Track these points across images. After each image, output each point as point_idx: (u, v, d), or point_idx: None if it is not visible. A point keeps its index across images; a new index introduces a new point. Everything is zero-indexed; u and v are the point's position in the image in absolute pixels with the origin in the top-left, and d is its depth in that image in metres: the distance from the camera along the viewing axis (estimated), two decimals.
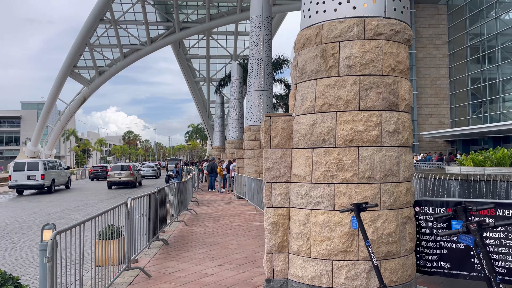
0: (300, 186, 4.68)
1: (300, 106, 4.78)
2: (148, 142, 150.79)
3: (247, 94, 18.68)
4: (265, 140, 4.86)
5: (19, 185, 25.18)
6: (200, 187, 26.02)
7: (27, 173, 25.03)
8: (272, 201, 4.84)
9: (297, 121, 4.78)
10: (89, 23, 56.85)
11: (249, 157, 17.92)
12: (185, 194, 12.83)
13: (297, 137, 4.75)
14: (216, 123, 41.90)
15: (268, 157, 4.86)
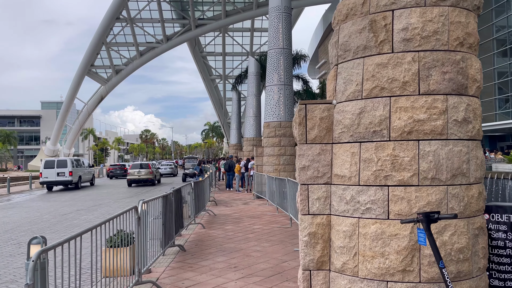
0: (344, 189, 3.82)
1: (343, 91, 3.92)
2: (165, 141, 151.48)
3: (265, 89, 17.85)
4: (299, 133, 4.02)
5: (49, 181, 26.84)
6: (217, 185, 25.31)
7: (56, 170, 26.74)
8: (309, 207, 4.00)
9: (339, 110, 3.92)
10: (105, 21, 56.79)
11: (268, 154, 17.09)
12: (203, 194, 12.08)
13: (340, 129, 3.89)
14: (232, 121, 41.19)
15: (303, 154, 4.01)
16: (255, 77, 30.07)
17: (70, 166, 27.18)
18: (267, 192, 14.73)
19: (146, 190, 25.09)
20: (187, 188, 9.85)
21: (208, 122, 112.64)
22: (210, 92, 74.56)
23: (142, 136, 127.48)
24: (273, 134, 17.04)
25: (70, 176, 26.88)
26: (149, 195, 20.91)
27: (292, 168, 17.24)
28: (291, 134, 17.27)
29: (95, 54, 60.98)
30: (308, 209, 4.00)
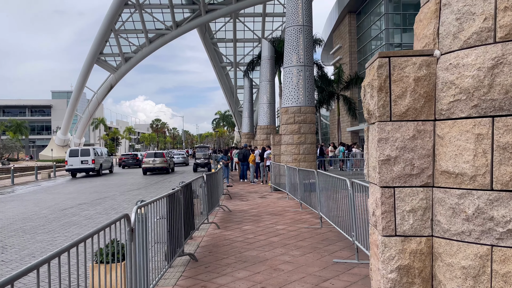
0: (461, 196, 2.29)
1: (456, 34, 2.36)
2: (175, 130, 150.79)
3: (283, 71, 16.23)
4: (379, 104, 2.50)
5: (74, 169, 29.61)
6: (230, 176, 23.92)
7: (80, 158, 29.52)
8: (397, 224, 2.48)
9: (449, 64, 2.37)
10: (114, 7, 55.35)
11: (287, 143, 15.56)
12: (216, 188, 10.64)
13: (452, 96, 2.35)
14: (244, 109, 39.64)
15: (386, 138, 2.50)
16: (269, 61, 28.43)
17: (92, 155, 29.91)
18: (287, 185, 13.26)
19: (159, 180, 23.86)
20: (199, 182, 8.41)
21: (219, 111, 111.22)
22: (221, 80, 72.99)
23: (152, 126, 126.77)
24: (292, 121, 15.48)
25: (93, 164, 29.56)
26: (158, 186, 19.59)
27: (313, 158, 15.71)
28: (312, 120, 15.70)
29: (104, 41, 59.72)
30: (395, 227, 2.49)
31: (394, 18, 42.44)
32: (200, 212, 8.78)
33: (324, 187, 8.07)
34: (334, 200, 7.38)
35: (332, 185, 7.52)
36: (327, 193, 7.88)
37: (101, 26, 57.93)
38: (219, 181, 12.27)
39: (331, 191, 7.59)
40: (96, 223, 10.27)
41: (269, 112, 28.25)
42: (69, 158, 29.75)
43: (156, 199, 5.00)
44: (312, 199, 9.84)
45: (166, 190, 17.47)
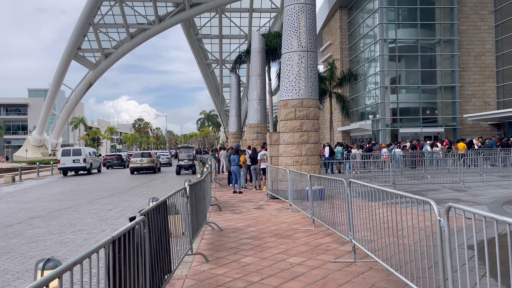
0: None
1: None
2: (159, 130, 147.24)
3: (282, 58, 13.80)
4: None
5: (66, 167, 31.67)
6: (218, 180, 21.40)
7: (72, 157, 31.52)
8: None
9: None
10: (92, 0, 52.20)
11: (286, 142, 13.12)
12: (203, 200, 8.11)
13: None
14: (231, 107, 37.06)
15: None
16: (260, 54, 26.01)
17: (83, 154, 31.95)
18: (290, 193, 10.82)
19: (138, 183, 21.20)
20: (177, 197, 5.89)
21: (204, 111, 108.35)
22: (206, 78, 70.25)
23: (135, 126, 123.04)
24: (293, 116, 13.05)
25: (84, 162, 31.52)
26: (134, 193, 16.91)
27: (317, 160, 13.31)
28: (315, 116, 13.29)
29: (82, 36, 56.45)
30: None
31: (388, 13, 40.52)
32: (182, 233, 6.31)
33: (357, 200, 5.64)
34: (372, 220, 5.02)
35: (371, 197, 5.15)
36: (361, 209, 5.47)
37: (79, 20, 54.66)
38: (207, 190, 9.75)
39: (367, 207, 5.23)
40: (39, 250, 7.63)
41: (259, 109, 25.80)
42: (61, 157, 31.72)
43: (90, 254, 2.45)
44: (328, 213, 7.44)
45: (141, 198, 14.83)
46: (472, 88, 41.19)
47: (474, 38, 41.06)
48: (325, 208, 7.96)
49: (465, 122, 40.84)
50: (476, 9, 41.17)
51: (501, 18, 40.77)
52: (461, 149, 23.96)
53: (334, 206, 7.51)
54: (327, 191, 8.37)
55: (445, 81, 40.67)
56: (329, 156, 23.35)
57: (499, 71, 41.31)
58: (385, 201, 5.10)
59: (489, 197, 11.95)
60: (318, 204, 8.36)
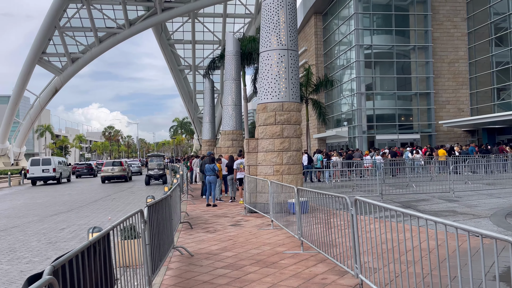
0: None
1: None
2: (130, 138, 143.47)
3: (260, 57, 12.53)
4: None
5: (36, 177, 31.40)
6: (190, 190, 19.87)
7: (42, 167, 31.46)
8: None
9: None
10: (57, 1, 49.72)
11: (266, 150, 11.82)
12: (169, 222, 6.67)
13: None
14: (205, 113, 35.61)
15: None
16: (234, 57, 24.77)
17: (53, 164, 31.87)
18: (272, 208, 9.50)
19: (103, 196, 19.35)
20: (136, 220, 4.46)
21: (177, 118, 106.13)
22: (178, 85, 68.43)
23: (105, 133, 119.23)
24: (272, 121, 11.78)
25: (54, 172, 31.51)
26: (96, 207, 15.18)
27: (299, 169, 12.07)
28: (297, 120, 12.07)
29: (47, 39, 53.75)
30: None
31: (363, 19, 40.18)
32: (141, 262, 4.86)
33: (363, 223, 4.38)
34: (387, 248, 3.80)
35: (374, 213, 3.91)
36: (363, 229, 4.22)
37: (43, 23, 51.99)
38: (175, 206, 8.30)
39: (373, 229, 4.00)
40: None
41: (234, 115, 24.49)
42: (30, 167, 31.57)
43: None
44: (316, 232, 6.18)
45: (103, 213, 13.18)
46: (447, 95, 41.27)
47: (448, 45, 41.23)
48: (311, 224, 6.71)
49: (440, 129, 40.80)
50: (449, 16, 41.42)
51: (473, 26, 41.14)
52: (442, 155, 23.35)
53: (321, 221, 6.28)
54: (311, 202, 7.15)
55: (420, 87, 40.58)
56: (307, 164, 22.25)
57: (472, 78, 41.60)
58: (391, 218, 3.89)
59: (486, 208, 11.00)
60: (303, 219, 7.09)
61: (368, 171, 19.61)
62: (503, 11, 37.76)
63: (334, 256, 5.81)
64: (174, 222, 8.11)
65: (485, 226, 8.47)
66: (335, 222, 6.21)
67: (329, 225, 6.09)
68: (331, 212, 6.00)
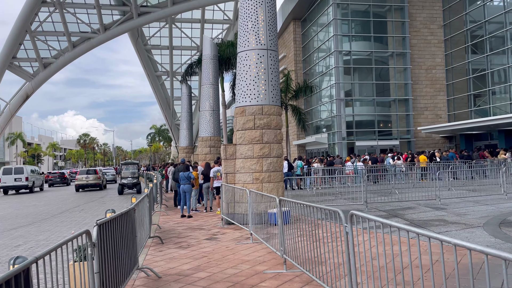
0: None
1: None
2: (106, 146, 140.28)
3: (238, 57, 11.76)
4: None
5: (8, 186, 31.25)
6: (164, 199, 18.87)
7: (14, 176, 31.32)
8: None
9: None
10: (28, 4, 47.96)
11: (244, 156, 11.02)
12: (131, 241, 5.75)
13: None
14: (182, 119, 34.63)
15: None
16: (212, 61, 23.98)
17: (26, 173, 31.72)
18: (251, 219, 8.69)
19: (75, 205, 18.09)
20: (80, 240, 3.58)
21: (154, 125, 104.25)
22: (156, 91, 67.04)
23: (80, 141, 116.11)
24: (252, 125, 10.99)
25: (26, 181, 31.35)
26: (60, 219, 14.02)
27: (280, 176, 11.31)
28: (278, 125, 11.32)
29: (18, 44, 51.75)
30: None
31: (342, 26, 40.08)
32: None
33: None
34: None
35: None
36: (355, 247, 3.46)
37: (14, 26, 50.06)
38: (142, 220, 7.37)
39: None
40: None
41: (212, 121, 23.63)
42: (2, 175, 31.29)
43: None
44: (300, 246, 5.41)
45: (67, 226, 12.09)
46: (425, 101, 41.48)
47: (425, 52, 41.53)
48: (294, 237, 5.94)
49: (418, 135, 40.90)
50: (426, 23, 41.79)
51: (449, 33, 41.60)
52: (423, 162, 23.05)
53: (305, 233, 5.53)
54: (293, 212, 6.40)
55: (398, 94, 40.65)
56: (288, 171, 21.56)
57: (449, 84, 41.98)
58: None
59: (477, 216, 10.47)
60: (285, 231, 6.30)
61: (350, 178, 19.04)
62: (478, 19, 38.29)
63: (321, 277, 5.04)
64: (142, 238, 7.19)
65: (480, 237, 7.87)
66: (321, 234, 5.47)
67: (314, 237, 5.35)
68: (316, 222, 5.26)
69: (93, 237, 3.75)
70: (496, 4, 37.35)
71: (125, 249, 5.13)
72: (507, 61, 35.07)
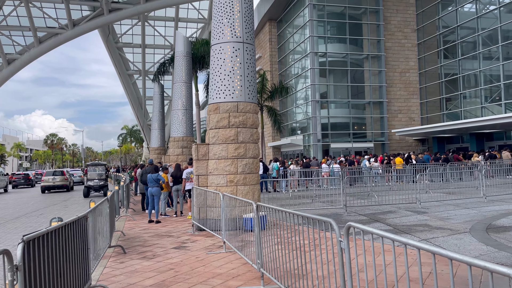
0: None
1: None
2: (75, 147, 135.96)
3: (212, 50, 10.96)
4: None
5: None
6: (132, 203, 17.81)
7: None
8: None
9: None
10: None
11: (218, 156, 10.21)
12: (80, 256, 4.85)
13: None
14: (154, 119, 33.41)
15: None
16: (185, 58, 23.04)
17: None
18: (224, 226, 7.89)
19: (33, 209, 16.71)
20: None
21: (126, 126, 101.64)
22: (127, 90, 65.12)
23: (47, 142, 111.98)
24: (226, 123, 10.20)
25: None
26: (19, 225, 12.78)
27: (256, 179, 10.56)
28: (254, 123, 10.59)
29: None
30: None
31: (318, 27, 39.83)
32: None
33: None
34: None
35: None
36: None
37: None
38: (101, 227, 6.45)
39: None
40: None
41: (185, 120, 22.67)
42: None
43: None
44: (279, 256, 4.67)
45: (20, 233, 10.91)
46: (398, 104, 41.72)
47: (399, 55, 41.82)
48: (272, 245, 5.22)
49: (392, 137, 41.08)
50: (400, 27, 42.10)
51: (423, 37, 42.05)
52: (399, 164, 22.84)
53: (283, 240, 4.82)
54: (270, 216, 5.65)
55: (373, 96, 40.72)
56: (263, 173, 20.85)
57: (422, 87, 42.41)
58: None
59: (460, 220, 10.03)
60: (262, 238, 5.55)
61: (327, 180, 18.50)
62: (451, 24, 38.83)
63: None
64: (99, 248, 6.27)
65: (470, 244, 7.34)
66: (301, 241, 4.75)
67: (294, 245, 4.65)
68: (294, 228, 4.55)
69: (17, 257, 2.88)
70: (467, 10, 37.96)
71: (71, 266, 4.24)
72: (478, 65, 35.63)
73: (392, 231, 9.02)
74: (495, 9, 33.89)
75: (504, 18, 32.94)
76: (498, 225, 9.17)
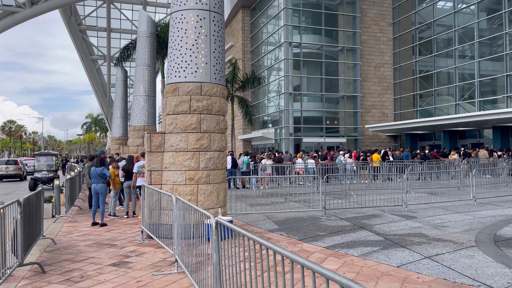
0: None
1: None
2: (36, 135, 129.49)
3: (171, 19, 9.03)
4: None
5: None
6: (82, 198, 15.69)
7: None
8: None
9: None
10: None
11: (176, 148, 8.35)
12: None
13: None
14: (116, 107, 30.94)
15: None
16: (149, 39, 20.86)
17: None
18: (177, 239, 6.11)
19: None
20: None
21: (90, 114, 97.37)
22: (90, 76, 61.57)
23: (4, 129, 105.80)
24: (187, 108, 8.37)
25: None
26: None
27: (223, 176, 8.80)
28: (222, 109, 8.80)
29: None
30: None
31: (292, 17, 38.24)
32: None
33: None
34: None
35: None
36: None
37: None
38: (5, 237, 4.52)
39: None
40: None
41: (147, 108, 20.56)
42: None
43: None
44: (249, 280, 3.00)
45: None
46: (372, 99, 40.85)
47: (374, 49, 40.88)
48: (236, 261, 3.52)
49: (365, 133, 40.21)
50: (376, 20, 41.13)
51: (398, 31, 41.26)
52: (376, 160, 21.63)
53: (251, 255, 3.13)
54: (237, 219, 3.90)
55: (347, 90, 39.65)
56: (231, 167, 19.11)
57: (396, 83, 41.71)
58: None
59: (458, 229, 8.64)
60: (224, 251, 3.83)
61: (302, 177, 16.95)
62: (427, 19, 38.15)
63: None
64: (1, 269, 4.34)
65: (489, 267, 5.88)
66: (272, 254, 3.05)
67: (266, 261, 2.97)
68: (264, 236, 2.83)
69: None
70: (441, 7, 37.34)
71: None
72: (454, 62, 35.09)
73: (383, 242, 7.51)
74: (472, 4, 33.32)
75: (481, 15, 32.40)
76: (506, 236, 7.82)
